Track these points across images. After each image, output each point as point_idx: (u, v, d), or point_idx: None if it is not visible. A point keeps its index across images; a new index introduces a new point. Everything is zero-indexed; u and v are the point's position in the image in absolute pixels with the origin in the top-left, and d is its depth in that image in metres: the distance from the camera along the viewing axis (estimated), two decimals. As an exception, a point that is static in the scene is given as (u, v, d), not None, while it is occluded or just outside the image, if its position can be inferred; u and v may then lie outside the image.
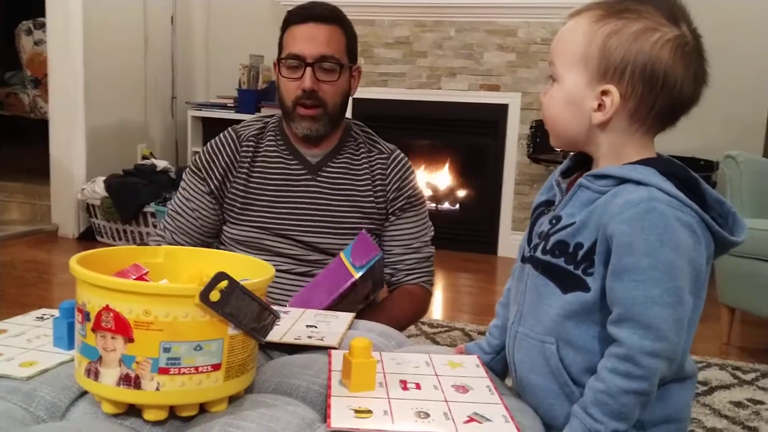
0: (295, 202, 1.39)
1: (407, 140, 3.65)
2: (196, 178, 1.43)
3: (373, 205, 1.41)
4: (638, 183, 0.75)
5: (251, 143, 1.42)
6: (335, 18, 1.37)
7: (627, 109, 0.77)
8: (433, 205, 3.66)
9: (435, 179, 3.73)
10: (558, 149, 0.87)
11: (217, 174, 1.40)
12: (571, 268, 0.78)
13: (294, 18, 1.38)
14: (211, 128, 3.90)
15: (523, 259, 0.87)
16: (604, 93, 0.77)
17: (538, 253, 0.83)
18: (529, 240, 0.88)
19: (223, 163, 1.41)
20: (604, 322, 0.77)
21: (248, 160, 1.41)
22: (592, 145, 0.81)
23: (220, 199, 1.41)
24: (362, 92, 3.70)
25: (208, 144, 1.45)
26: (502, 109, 3.47)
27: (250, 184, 1.40)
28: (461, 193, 3.70)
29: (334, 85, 1.36)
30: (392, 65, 3.63)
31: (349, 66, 1.40)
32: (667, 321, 0.72)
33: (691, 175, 0.78)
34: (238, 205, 1.40)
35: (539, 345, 0.82)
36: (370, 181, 1.42)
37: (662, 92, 0.77)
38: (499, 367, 0.97)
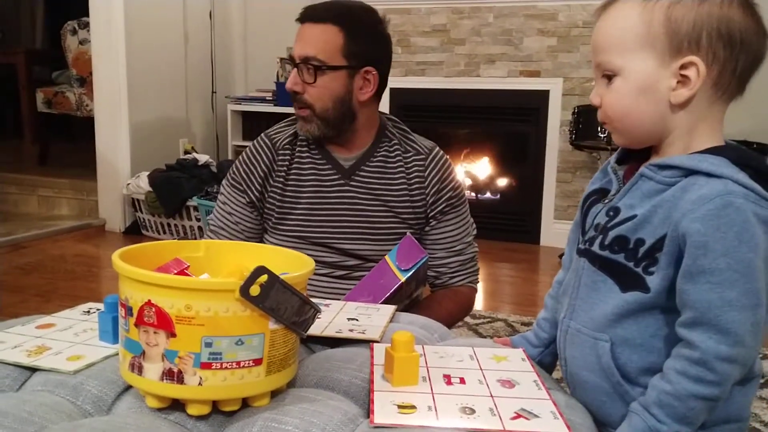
0: (330, 210, 1.35)
1: (446, 129, 3.62)
2: (235, 190, 1.40)
3: (411, 210, 1.36)
4: (709, 175, 0.70)
5: (287, 151, 1.38)
6: (332, 17, 1.29)
7: (711, 77, 0.72)
8: (474, 194, 3.62)
9: (475, 168, 3.68)
10: (623, 146, 0.81)
11: (256, 184, 1.37)
12: (631, 265, 0.75)
13: (298, 17, 1.34)
14: (250, 121, 3.93)
15: (578, 251, 0.83)
16: (685, 66, 0.71)
17: (596, 248, 0.79)
18: (583, 231, 0.84)
19: (261, 173, 1.37)
20: (664, 319, 0.73)
21: (284, 168, 1.37)
22: (664, 131, 0.75)
23: (261, 210, 1.39)
24: (400, 82, 3.71)
25: (244, 154, 1.42)
26: (543, 96, 3.40)
27: (286, 194, 1.37)
28: (502, 182, 3.64)
29: (316, 87, 1.30)
30: (430, 54, 3.59)
31: (350, 68, 1.30)
32: (744, 325, 0.68)
33: (765, 164, 0.73)
34: (275, 215, 1.37)
35: (592, 341, 0.79)
36: (406, 185, 1.36)
37: (742, 51, 0.72)
38: (548, 360, 0.94)
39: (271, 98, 3.88)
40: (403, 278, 1.19)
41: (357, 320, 1.01)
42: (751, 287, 0.68)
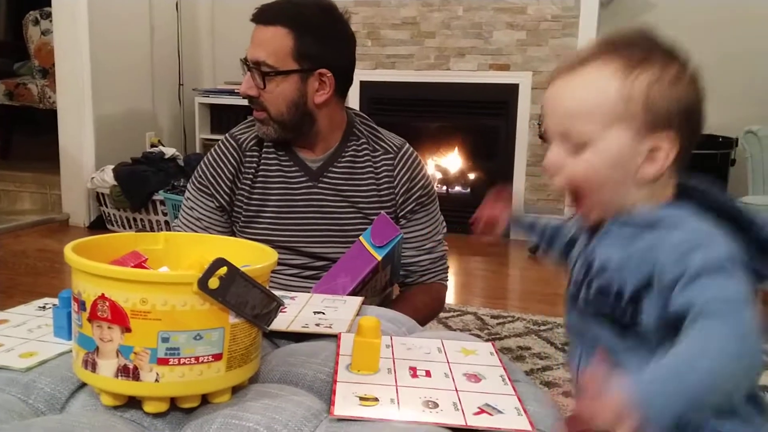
0: (297, 213, 1.32)
1: (416, 123, 3.61)
2: (203, 194, 1.35)
3: (380, 210, 1.33)
4: (673, 227, 0.70)
5: (255, 152, 1.34)
6: (282, 18, 1.25)
7: (674, 155, 0.72)
8: (444, 188, 3.62)
9: (445, 162, 3.69)
10: (589, 222, 0.79)
11: (224, 188, 1.34)
12: (618, 314, 0.73)
13: (251, 17, 1.30)
14: (218, 114, 3.87)
15: (571, 305, 0.82)
16: (655, 148, 0.72)
17: (582, 304, 0.78)
18: (570, 274, 0.83)
19: (229, 175, 1.33)
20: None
21: (252, 170, 1.34)
22: (627, 202, 0.75)
23: (230, 213, 1.36)
24: (370, 75, 3.69)
25: (209, 155, 1.37)
26: (512, 89, 3.41)
27: (253, 197, 1.33)
28: (472, 175, 3.65)
29: (269, 92, 1.27)
30: (399, 46, 3.57)
31: (302, 71, 1.26)
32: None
33: (729, 202, 0.73)
34: (242, 219, 1.34)
35: None
36: (375, 186, 1.34)
37: (698, 128, 0.74)
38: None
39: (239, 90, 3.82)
40: (379, 257, 1.17)
41: (323, 313, 1.00)
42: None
